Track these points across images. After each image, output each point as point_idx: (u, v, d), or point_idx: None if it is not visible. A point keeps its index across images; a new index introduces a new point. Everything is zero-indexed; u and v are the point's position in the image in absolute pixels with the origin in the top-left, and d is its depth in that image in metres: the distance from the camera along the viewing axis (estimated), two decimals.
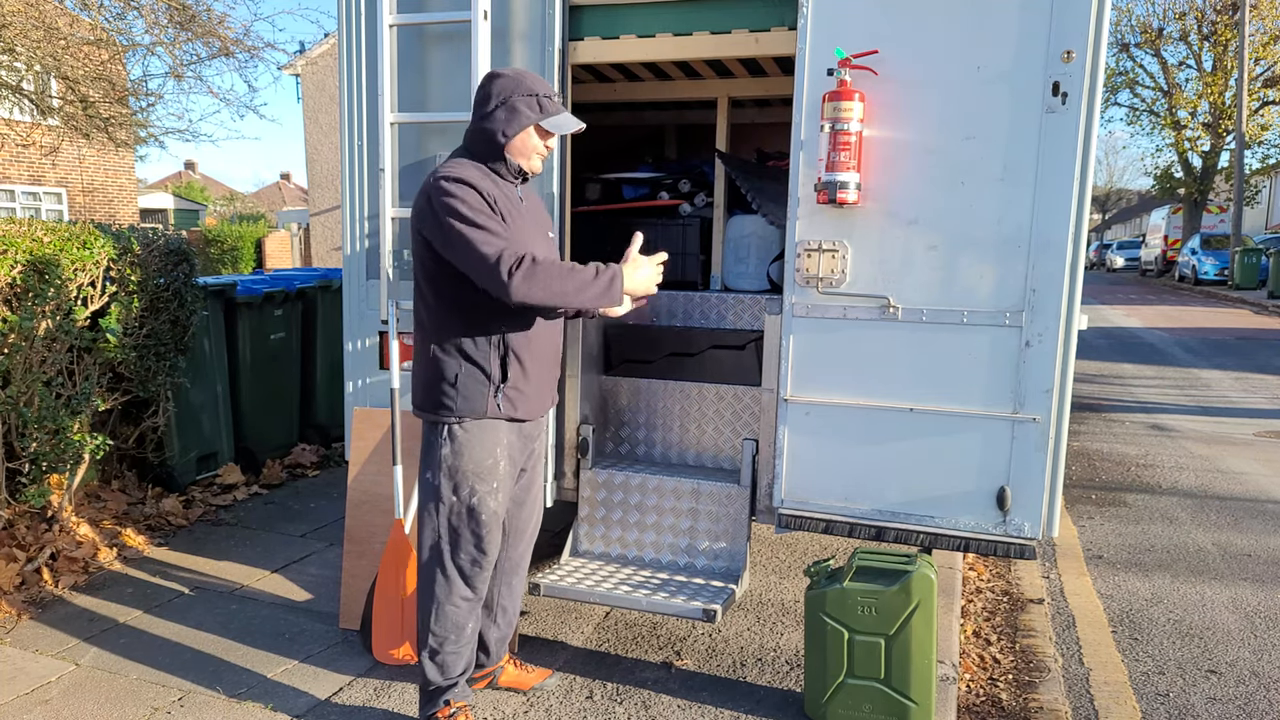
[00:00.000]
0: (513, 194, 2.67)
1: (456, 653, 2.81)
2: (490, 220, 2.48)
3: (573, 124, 2.69)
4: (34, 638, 3.56)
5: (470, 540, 2.72)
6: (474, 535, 2.71)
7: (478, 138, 2.65)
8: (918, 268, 3.06)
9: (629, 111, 5.57)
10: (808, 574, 2.99)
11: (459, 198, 2.47)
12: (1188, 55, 30.10)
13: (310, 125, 20.86)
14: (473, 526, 2.70)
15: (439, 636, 2.77)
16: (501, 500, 2.75)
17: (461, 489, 2.67)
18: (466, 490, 2.67)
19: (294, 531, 4.80)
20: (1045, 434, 2.99)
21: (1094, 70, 2.82)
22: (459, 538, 2.72)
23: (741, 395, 3.81)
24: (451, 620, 2.77)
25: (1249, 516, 5.39)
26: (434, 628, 2.77)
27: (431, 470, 2.70)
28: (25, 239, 4.05)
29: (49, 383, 4.17)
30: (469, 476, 2.67)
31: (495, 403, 2.66)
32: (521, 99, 2.58)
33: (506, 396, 2.66)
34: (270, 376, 5.90)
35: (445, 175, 2.53)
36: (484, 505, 2.70)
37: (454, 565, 2.74)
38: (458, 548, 2.73)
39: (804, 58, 3.09)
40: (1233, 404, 8.86)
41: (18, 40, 8.65)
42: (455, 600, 2.76)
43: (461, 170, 2.55)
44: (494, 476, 2.70)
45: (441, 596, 2.76)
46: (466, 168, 2.58)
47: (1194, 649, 3.74)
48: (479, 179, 2.54)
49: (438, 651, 2.79)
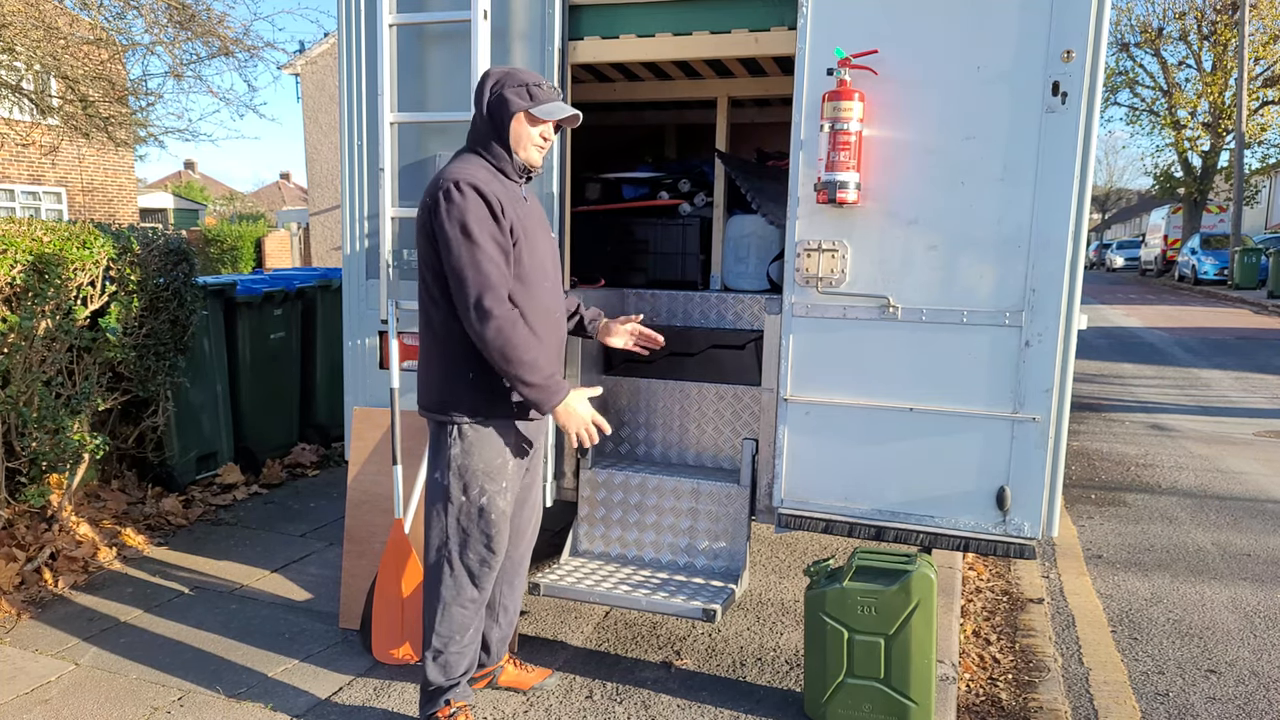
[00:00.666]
0: (517, 193, 2.67)
1: (460, 653, 2.81)
2: (490, 238, 2.49)
3: (563, 111, 2.66)
4: (34, 637, 3.56)
5: (480, 540, 2.71)
6: (484, 535, 2.71)
7: (476, 133, 2.68)
8: (918, 267, 3.06)
9: (629, 111, 5.57)
10: (807, 574, 2.99)
11: (467, 208, 2.48)
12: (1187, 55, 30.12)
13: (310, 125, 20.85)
14: (482, 526, 2.70)
15: (444, 637, 2.77)
16: (510, 500, 2.75)
17: (471, 489, 2.67)
18: (476, 490, 2.67)
19: (294, 531, 4.80)
20: (1045, 434, 2.99)
21: (1094, 70, 2.82)
22: (468, 538, 2.71)
23: (741, 395, 3.81)
24: (457, 621, 2.77)
25: (1249, 516, 5.39)
26: (439, 628, 2.77)
27: (440, 470, 2.70)
28: (25, 238, 4.05)
29: (49, 382, 4.17)
30: (479, 476, 2.66)
31: (509, 403, 2.66)
32: (511, 89, 2.60)
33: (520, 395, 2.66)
34: (270, 376, 5.90)
35: (458, 179, 2.51)
36: (494, 505, 2.69)
37: (463, 565, 2.74)
38: (467, 548, 2.72)
39: (804, 57, 3.09)
40: (1233, 404, 8.87)
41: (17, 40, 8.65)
42: (463, 601, 2.76)
43: (473, 173, 2.54)
44: (503, 476, 2.70)
45: (449, 597, 2.75)
46: (477, 169, 2.58)
47: (1193, 649, 3.74)
48: (488, 181, 2.55)
49: (441, 652, 2.78)
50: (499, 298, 2.48)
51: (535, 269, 2.65)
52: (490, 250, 2.49)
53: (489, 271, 2.48)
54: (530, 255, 2.63)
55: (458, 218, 2.47)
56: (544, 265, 2.70)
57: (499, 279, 2.49)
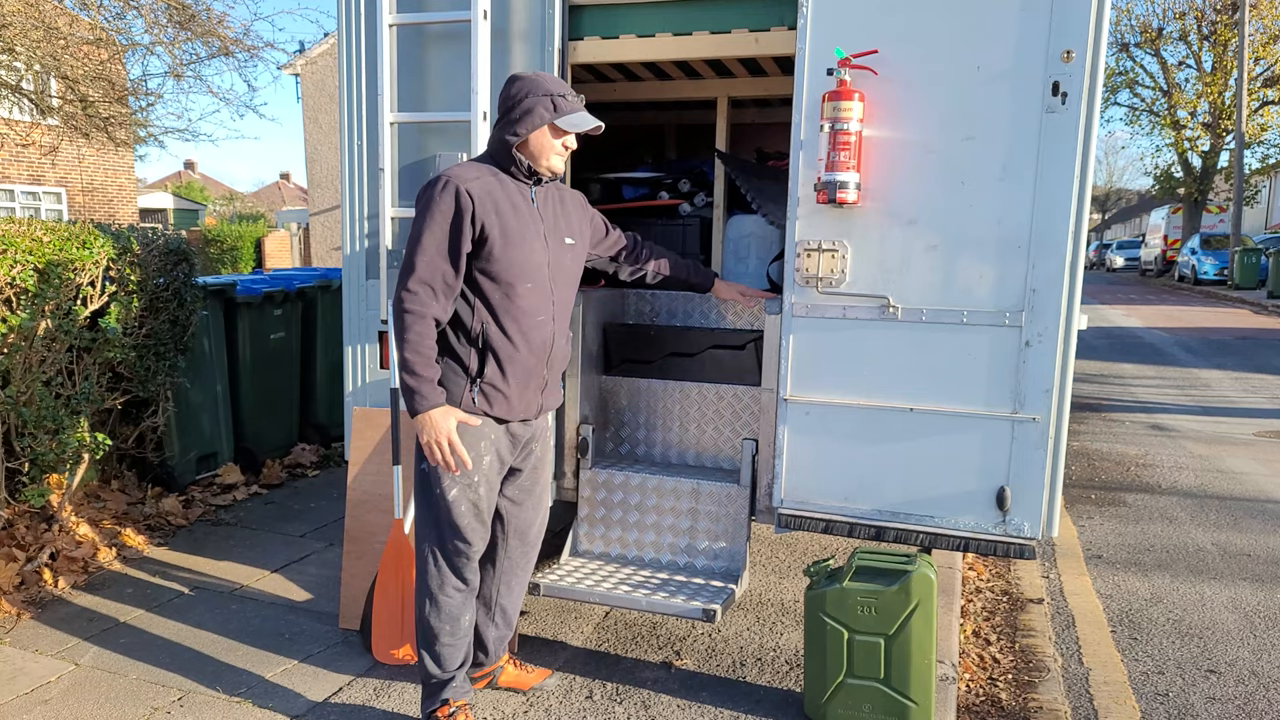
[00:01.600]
0: (521, 194, 2.70)
1: (453, 645, 2.83)
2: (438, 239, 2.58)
3: (588, 122, 2.73)
4: (34, 637, 3.56)
5: (450, 531, 2.75)
6: (453, 525, 2.75)
7: (493, 140, 2.74)
8: (917, 268, 3.06)
9: (629, 111, 5.57)
10: (807, 574, 2.99)
11: (434, 203, 2.59)
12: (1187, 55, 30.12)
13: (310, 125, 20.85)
14: (452, 517, 2.73)
15: (434, 628, 2.80)
16: (484, 495, 2.77)
17: (442, 480, 2.71)
18: (447, 481, 2.71)
19: (294, 531, 4.80)
20: (1045, 434, 2.99)
21: (1094, 70, 2.82)
22: (444, 530, 2.76)
23: (741, 395, 3.81)
24: (446, 611, 2.80)
25: (1248, 516, 5.39)
26: (429, 619, 2.81)
27: (422, 462, 2.74)
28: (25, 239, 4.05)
29: (49, 383, 4.17)
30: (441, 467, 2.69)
31: (470, 397, 2.67)
32: (537, 99, 2.64)
33: (482, 392, 2.68)
34: (270, 376, 5.90)
35: (441, 174, 2.62)
36: (463, 497, 2.72)
37: (443, 557, 2.79)
38: (444, 540, 2.77)
39: (804, 57, 3.09)
40: (1232, 404, 8.87)
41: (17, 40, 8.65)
42: (448, 591, 2.80)
43: (460, 172, 2.63)
44: (475, 470, 2.71)
45: (434, 587, 2.80)
46: (466, 167, 2.67)
47: (1193, 649, 3.74)
48: (470, 179, 2.61)
49: (434, 643, 2.81)
50: (419, 281, 2.57)
51: (514, 270, 2.66)
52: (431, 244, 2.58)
53: (419, 264, 2.57)
54: (509, 255, 2.64)
55: (423, 208, 2.60)
56: (529, 267, 2.69)
57: (428, 274, 2.58)
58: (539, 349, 2.76)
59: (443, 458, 2.58)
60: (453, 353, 2.68)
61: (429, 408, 2.56)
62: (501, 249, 2.62)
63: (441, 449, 2.58)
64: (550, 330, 2.78)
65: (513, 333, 2.68)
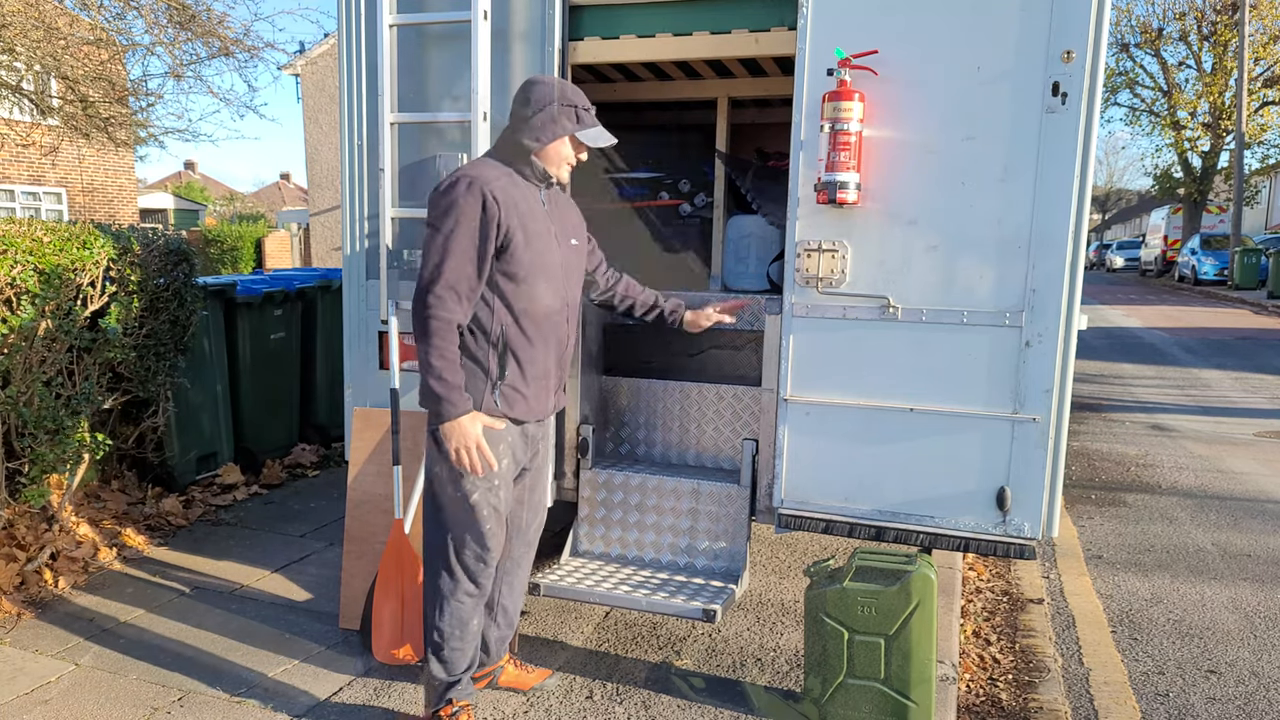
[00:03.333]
0: (535, 196, 2.70)
1: (461, 649, 2.82)
2: (463, 243, 2.53)
3: (606, 139, 2.75)
4: (34, 638, 3.56)
5: (472, 536, 2.73)
6: (476, 531, 2.72)
7: (508, 141, 2.71)
8: (918, 268, 3.06)
9: (629, 111, 5.57)
10: (808, 574, 2.99)
11: (459, 205, 2.53)
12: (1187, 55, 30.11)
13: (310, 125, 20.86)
14: (475, 522, 2.71)
15: (444, 632, 2.79)
16: (504, 497, 2.76)
17: (464, 484, 2.68)
18: (469, 485, 2.68)
19: (294, 531, 4.80)
20: (1045, 434, 2.99)
21: (1094, 70, 2.82)
22: (462, 534, 2.73)
23: (741, 395, 3.81)
24: (456, 616, 2.78)
25: (1249, 516, 5.39)
26: (439, 623, 2.79)
27: (435, 465, 2.72)
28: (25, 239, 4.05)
29: (49, 383, 4.17)
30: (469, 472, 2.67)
31: (493, 399, 2.67)
32: (561, 108, 2.64)
33: (503, 395, 2.68)
34: (270, 377, 5.90)
35: (462, 175, 2.58)
36: (485, 501, 2.70)
37: (458, 561, 2.75)
38: (462, 544, 2.74)
39: (804, 58, 3.10)
40: (1233, 404, 8.87)
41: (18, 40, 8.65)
42: (460, 596, 2.78)
43: (480, 171, 2.60)
44: (495, 473, 2.70)
45: (446, 592, 2.77)
46: (486, 167, 2.63)
47: (1194, 649, 3.74)
48: (494, 180, 2.58)
49: (442, 647, 2.80)
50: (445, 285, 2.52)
51: (535, 271, 2.66)
52: (458, 250, 2.53)
53: (447, 268, 2.52)
54: (530, 256, 2.64)
55: (445, 211, 2.55)
56: (547, 268, 2.70)
57: (454, 278, 2.53)
58: (555, 348, 2.78)
59: (471, 463, 2.58)
60: (472, 356, 2.66)
61: (458, 414, 2.54)
62: (524, 250, 2.62)
63: (470, 455, 2.57)
64: (565, 329, 2.80)
65: (532, 333, 2.68)
